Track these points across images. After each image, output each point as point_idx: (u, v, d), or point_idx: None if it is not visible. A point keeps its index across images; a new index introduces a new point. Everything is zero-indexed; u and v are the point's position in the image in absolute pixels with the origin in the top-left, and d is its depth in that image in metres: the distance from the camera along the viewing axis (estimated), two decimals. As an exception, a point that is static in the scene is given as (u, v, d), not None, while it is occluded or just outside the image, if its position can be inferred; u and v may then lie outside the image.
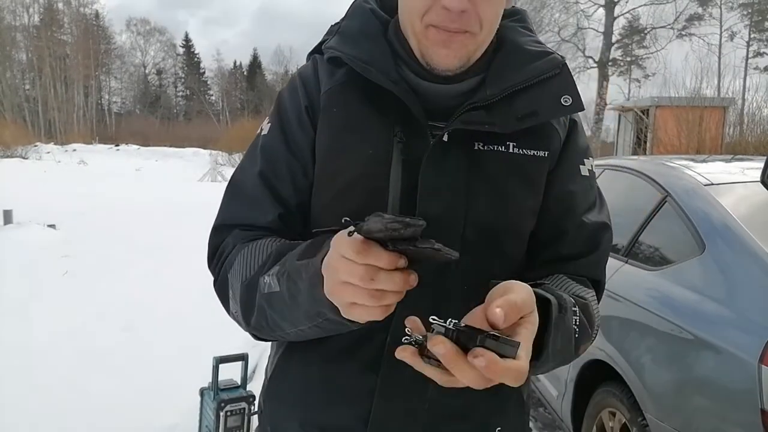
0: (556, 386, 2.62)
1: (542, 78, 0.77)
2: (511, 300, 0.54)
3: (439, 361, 0.51)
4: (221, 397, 1.77)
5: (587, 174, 0.85)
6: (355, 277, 0.53)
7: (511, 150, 0.78)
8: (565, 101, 0.77)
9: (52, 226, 7.03)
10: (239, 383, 1.87)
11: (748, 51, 32.98)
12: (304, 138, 0.80)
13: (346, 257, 0.53)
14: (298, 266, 0.65)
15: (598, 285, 0.85)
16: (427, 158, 0.74)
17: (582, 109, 0.78)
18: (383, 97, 0.76)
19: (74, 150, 27.94)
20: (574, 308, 0.71)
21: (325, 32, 0.86)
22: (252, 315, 0.73)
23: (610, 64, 22.94)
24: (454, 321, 0.52)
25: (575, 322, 0.71)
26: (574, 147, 0.84)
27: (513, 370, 0.49)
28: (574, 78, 0.80)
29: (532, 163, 0.79)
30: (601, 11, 21.97)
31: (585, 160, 0.85)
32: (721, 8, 28.64)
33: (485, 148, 0.77)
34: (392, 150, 0.75)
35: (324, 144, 0.78)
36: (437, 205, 0.74)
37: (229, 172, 19.63)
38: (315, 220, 0.81)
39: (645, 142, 13.52)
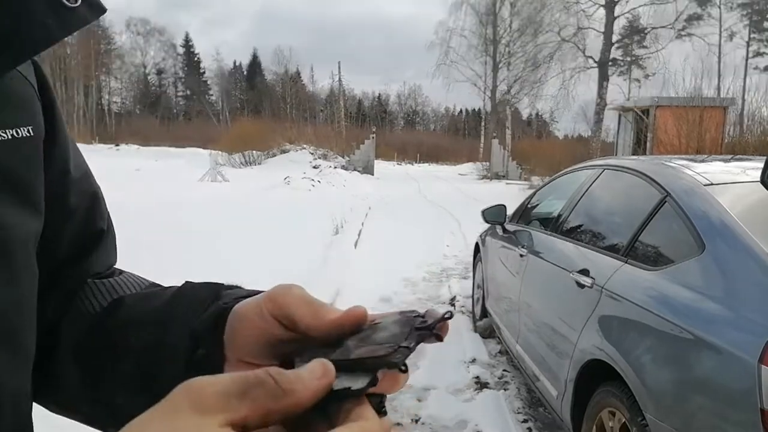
0: (555, 386, 2.62)
1: None
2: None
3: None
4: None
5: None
6: None
7: None
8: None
9: (52, 226, 7.04)
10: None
11: (747, 51, 33.05)
12: None
13: None
14: None
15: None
16: None
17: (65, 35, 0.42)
18: None
19: (74, 150, 27.92)
20: None
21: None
22: None
23: (610, 64, 22.94)
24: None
25: None
26: (57, 104, 0.49)
27: None
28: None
29: (14, 153, 0.40)
30: (602, 11, 22.00)
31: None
32: (720, 8, 28.67)
33: None
34: None
35: None
36: None
37: (229, 171, 19.64)
38: None
39: (645, 142, 13.54)
